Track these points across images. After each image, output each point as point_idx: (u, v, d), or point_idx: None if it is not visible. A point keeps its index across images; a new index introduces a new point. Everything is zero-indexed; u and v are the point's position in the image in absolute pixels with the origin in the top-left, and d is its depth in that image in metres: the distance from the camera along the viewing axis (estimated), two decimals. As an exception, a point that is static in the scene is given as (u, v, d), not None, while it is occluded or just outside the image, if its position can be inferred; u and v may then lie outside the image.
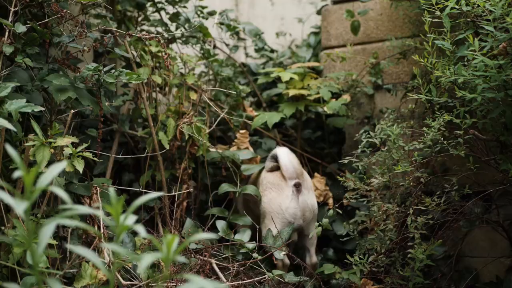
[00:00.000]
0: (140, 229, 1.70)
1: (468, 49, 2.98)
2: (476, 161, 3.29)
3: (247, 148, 4.33)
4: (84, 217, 3.19)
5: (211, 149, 4.15)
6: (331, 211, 3.58)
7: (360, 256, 3.52)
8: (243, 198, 4.18)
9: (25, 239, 2.51)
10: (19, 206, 1.52)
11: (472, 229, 3.62)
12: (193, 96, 4.27)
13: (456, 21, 3.19)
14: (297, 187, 3.72)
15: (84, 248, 1.76)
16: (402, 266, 3.48)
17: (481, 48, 2.92)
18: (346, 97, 4.48)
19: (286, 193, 3.73)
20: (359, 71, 4.69)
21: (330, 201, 4.30)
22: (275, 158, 3.82)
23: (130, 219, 1.73)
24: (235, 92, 4.58)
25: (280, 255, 3.59)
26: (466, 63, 3.07)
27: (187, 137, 3.98)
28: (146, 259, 1.61)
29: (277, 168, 3.83)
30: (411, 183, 3.46)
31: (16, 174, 1.58)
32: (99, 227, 3.17)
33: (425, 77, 3.51)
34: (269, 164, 3.89)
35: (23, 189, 2.92)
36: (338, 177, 3.82)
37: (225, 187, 4.02)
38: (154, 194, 1.90)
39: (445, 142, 3.22)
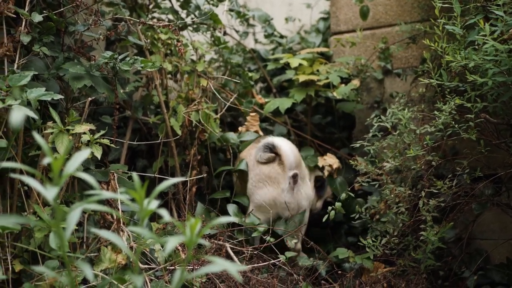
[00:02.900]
0: (164, 213, 1.75)
1: (479, 33, 3.01)
2: (487, 144, 3.33)
3: (256, 131, 4.36)
4: (101, 203, 3.24)
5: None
6: (343, 195, 3.63)
7: (373, 239, 3.56)
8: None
9: (52, 224, 2.56)
10: (49, 192, 1.57)
11: (483, 212, 3.66)
12: (204, 82, 4.31)
13: (466, 6, 3.22)
14: (294, 178, 3.73)
15: (108, 232, 1.81)
16: (414, 248, 3.52)
17: (492, 33, 2.95)
18: (355, 82, 4.50)
19: (282, 186, 3.75)
20: (368, 56, 4.71)
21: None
22: (271, 148, 3.79)
23: (153, 204, 1.78)
24: (239, 81, 4.61)
25: (292, 243, 3.65)
26: (476, 47, 3.09)
27: (194, 123, 4.02)
28: (172, 242, 1.66)
29: (273, 159, 3.81)
30: (423, 167, 3.49)
31: (45, 160, 1.63)
32: (117, 212, 3.22)
33: (435, 61, 3.54)
34: (264, 155, 3.81)
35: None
36: (350, 161, 3.86)
37: (222, 167, 4.15)
38: (173, 180, 1.95)
39: (456, 125, 3.26)
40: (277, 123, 4.76)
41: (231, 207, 3.80)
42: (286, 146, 3.76)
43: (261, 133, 4.37)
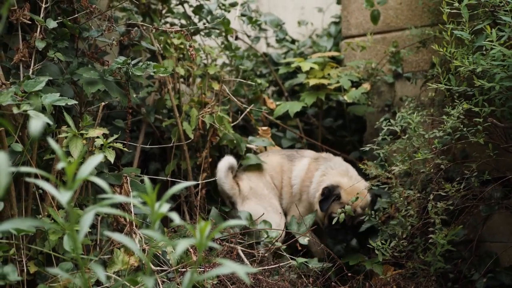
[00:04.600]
0: (175, 216, 1.79)
1: (486, 39, 3.03)
2: (495, 148, 3.35)
3: (269, 143, 4.42)
4: (114, 206, 3.29)
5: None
6: (353, 198, 3.66)
7: (382, 242, 3.58)
8: None
9: (66, 226, 2.62)
10: (63, 196, 1.62)
11: (491, 214, 3.68)
12: (216, 86, 4.35)
13: (474, 11, 3.24)
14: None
15: (121, 235, 1.86)
16: (424, 251, 3.54)
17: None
18: (366, 86, 4.54)
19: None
20: (379, 60, 4.75)
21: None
22: None
23: (164, 207, 1.82)
24: (254, 83, 4.66)
25: (305, 240, 3.71)
26: (484, 52, 3.12)
27: (208, 126, 4.07)
28: (182, 245, 1.71)
29: None
30: (432, 170, 3.52)
31: (59, 165, 1.68)
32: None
33: (444, 66, 3.56)
34: None
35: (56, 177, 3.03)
36: (360, 165, 3.89)
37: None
38: (184, 183, 1.99)
39: (464, 129, 3.28)
40: (287, 129, 4.80)
41: (244, 213, 3.85)
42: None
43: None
